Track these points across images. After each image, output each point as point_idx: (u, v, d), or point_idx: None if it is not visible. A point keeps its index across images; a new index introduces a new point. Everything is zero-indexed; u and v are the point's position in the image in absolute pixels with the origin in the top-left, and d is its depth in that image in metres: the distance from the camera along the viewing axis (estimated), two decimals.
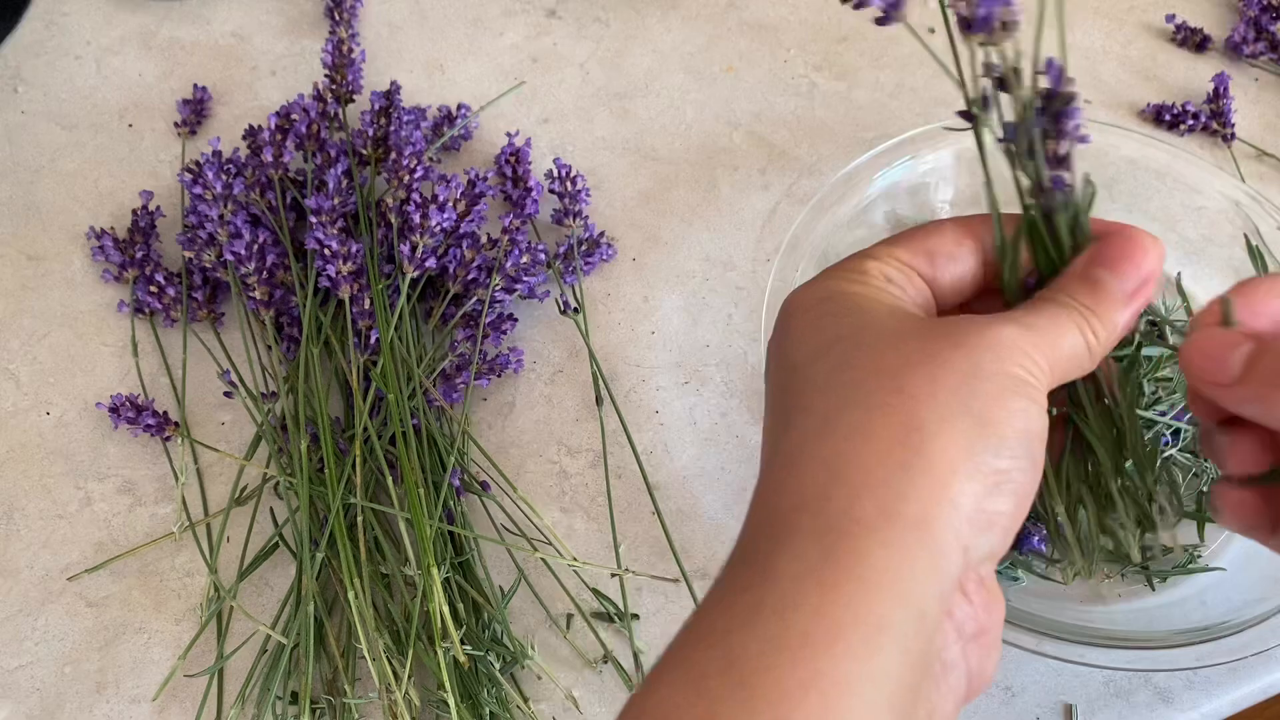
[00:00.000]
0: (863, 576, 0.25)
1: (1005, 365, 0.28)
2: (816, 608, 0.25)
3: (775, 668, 0.24)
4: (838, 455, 0.27)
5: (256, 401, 0.55)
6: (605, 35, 0.74)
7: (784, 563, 0.26)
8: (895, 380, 0.28)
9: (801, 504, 0.27)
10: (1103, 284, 0.31)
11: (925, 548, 0.26)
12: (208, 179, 0.58)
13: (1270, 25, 0.74)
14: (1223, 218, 0.66)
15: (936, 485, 0.26)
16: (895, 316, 0.30)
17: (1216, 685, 0.50)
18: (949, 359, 0.28)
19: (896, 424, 0.27)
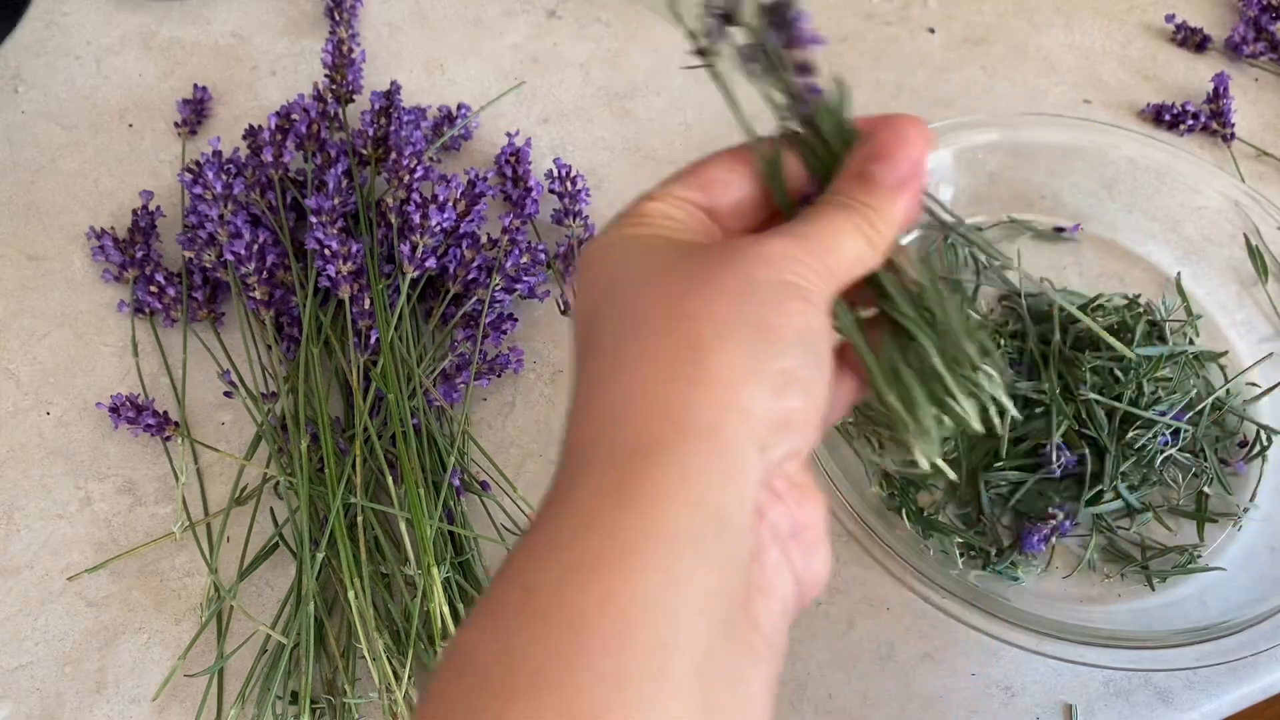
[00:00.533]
0: (655, 491, 0.25)
1: (778, 274, 0.29)
2: (611, 527, 0.25)
3: (569, 593, 0.24)
4: (627, 384, 0.27)
5: (256, 401, 0.55)
6: (605, 35, 0.74)
7: (579, 493, 0.26)
8: (675, 305, 0.28)
9: (597, 434, 0.27)
10: (874, 177, 0.31)
11: (718, 454, 0.26)
12: (208, 179, 0.58)
13: (1270, 25, 0.74)
14: (1222, 218, 0.66)
15: (722, 393, 0.27)
16: (675, 249, 0.30)
17: (1216, 685, 0.50)
18: (723, 276, 0.28)
19: (679, 344, 0.27)
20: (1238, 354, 0.60)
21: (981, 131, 0.61)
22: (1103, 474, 0.52)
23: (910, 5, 0.76)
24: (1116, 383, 0.54)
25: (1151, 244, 0.65)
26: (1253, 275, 0.64)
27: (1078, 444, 0.53)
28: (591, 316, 0.30)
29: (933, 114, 0.70)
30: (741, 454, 0.27)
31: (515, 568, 0.26)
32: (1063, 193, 0.63)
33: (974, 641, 0.50)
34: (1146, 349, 0.55)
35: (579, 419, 0.28)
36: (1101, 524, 0.52)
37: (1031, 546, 0.50)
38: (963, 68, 0.73)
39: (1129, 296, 0.60)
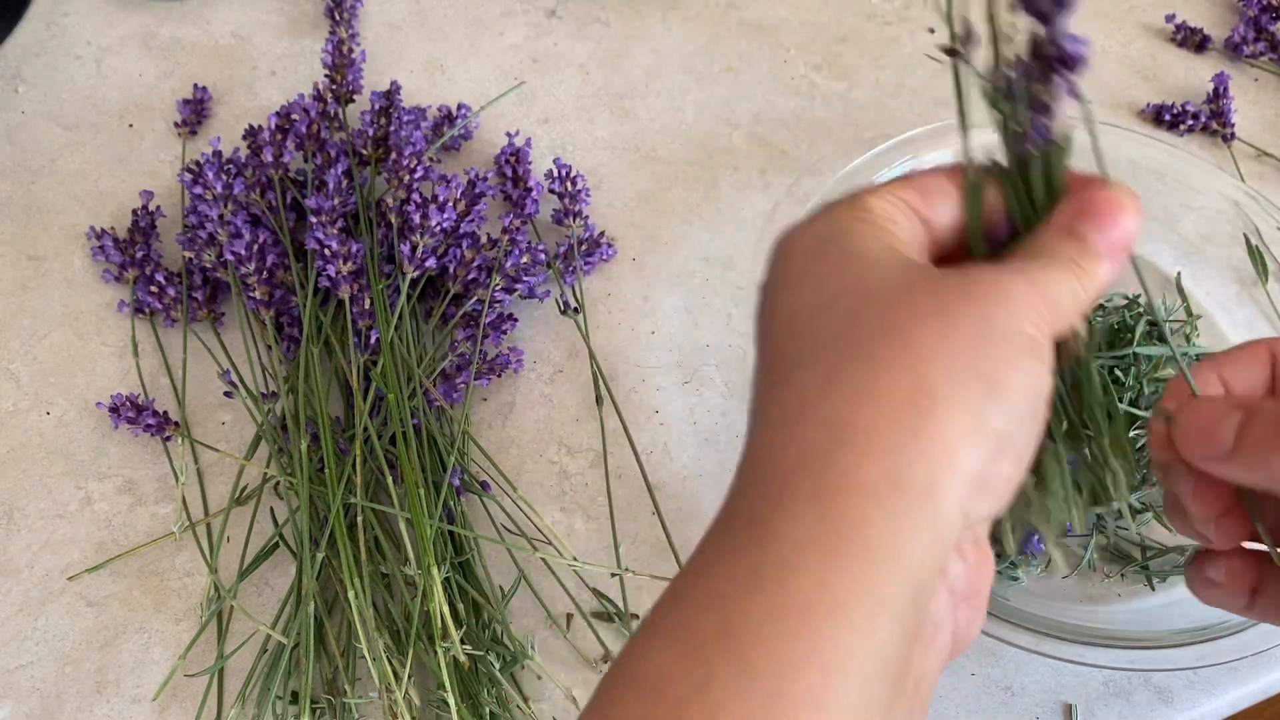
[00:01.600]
0: (866, 546, 0.24)
1: (1017, 321, 0.27)
2: (818, 577, 0.24)
3: (775, 638, 0.24)
4: (842, 415, 0.26)
5: (256, 401, 0.55)
6: (605, 35, 0.74)
7: (784, 526, 0.25)
8: (904, 335, 0.26)
9: (802, 464, 0.26)
10: (1087, 238, 0.30)
11: (929, 518, 0.25)
12: (208, 179, 0.58)
13: (1270, 25, 0.74)
14: (1222, 217, 0.66)
15: (944, 452, 0.25)
16: (901, 265, 0.28)
17: (1216, 685, 0.50)
18: (959, 313, 0.26)
19: (905, 384, 0.26)
20: None
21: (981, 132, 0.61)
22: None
23: (910, 5, 0.76)
24: (1117, 383, 0.54)
25: (1151, 243, 0.65)
26: (1253, 275, 0.64)
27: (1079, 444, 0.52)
28: (801, 320, 0.28)
29: (933, 114, 0.70)
30: (949, 518, 0.26)
31: (710, 593, 0.25)
32: None
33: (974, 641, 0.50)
34: (1147, 348, 0.54)
35: (782, 438, 0.27)
36: (1101, 524, 0.52)
37: (1032, 548, 0.50)
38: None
39: (1128, 296, 0.60)
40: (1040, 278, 0.28)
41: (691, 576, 0.26)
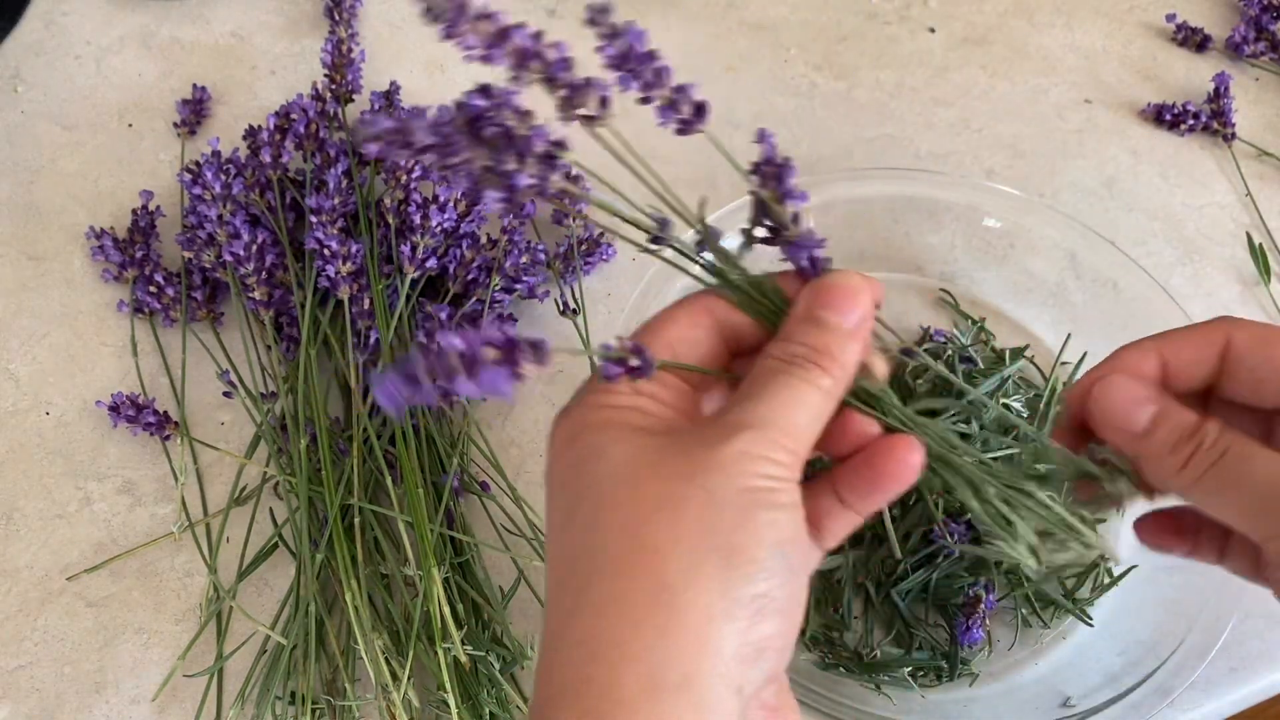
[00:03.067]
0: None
1: (739, 482, 0.27)
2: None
3: None
4: (593, 632, 0.26)
5: (256, 401, 0.55)
6: None
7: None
8: (638, 537, 0.26)
9: (561, 690, 0.26)
10: (826, 322, 0.30)
11: (692, 708, 0.25)
12: (207, 179, 0.58)
13: (1270, 25, 0.74)
14: (1226, 215, 0.66)
15: (694, 640, 0.25)
16: (634, 458, 0.28)
17: (1216, 685, 0.50)
18: (684, 497, 0.27)
19: (645, 586, 0.26)
20: None
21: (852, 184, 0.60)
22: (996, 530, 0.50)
23: (910, 5, 0.76)
24: (965, 437, 0.51)
25: (1152, 242, 0.64)
26: (1254, 274, 0.64)
27: (958, 509, 0.51)
28: (555, 537, 0.29)
29: (933, 114, 0.70)
30: (717, 702, 0.25)
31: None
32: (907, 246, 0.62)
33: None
34: (979, 390, 0.52)
35: (547, 664, 0.27)
36: (1015, 578, 0.51)
37: (971, 639, 0.49)
38: (963, 68, 0.73)
39: (924, 328, 0.59)
40: (758, 412, 0.28)
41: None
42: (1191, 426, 0.31)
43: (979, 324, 0.59)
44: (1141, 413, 0.32)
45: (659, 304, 0.55)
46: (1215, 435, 0.31)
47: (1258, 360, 0.32)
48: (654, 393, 0.30)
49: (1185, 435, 0.31)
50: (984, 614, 0.49)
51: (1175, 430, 0.31)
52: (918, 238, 0.61)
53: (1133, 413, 0.32)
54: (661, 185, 0.34)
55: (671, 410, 0.30)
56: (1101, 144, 0.69)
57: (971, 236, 0.61)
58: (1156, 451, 0.32)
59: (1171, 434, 0.32)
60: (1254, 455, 0.30)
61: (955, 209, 0.60)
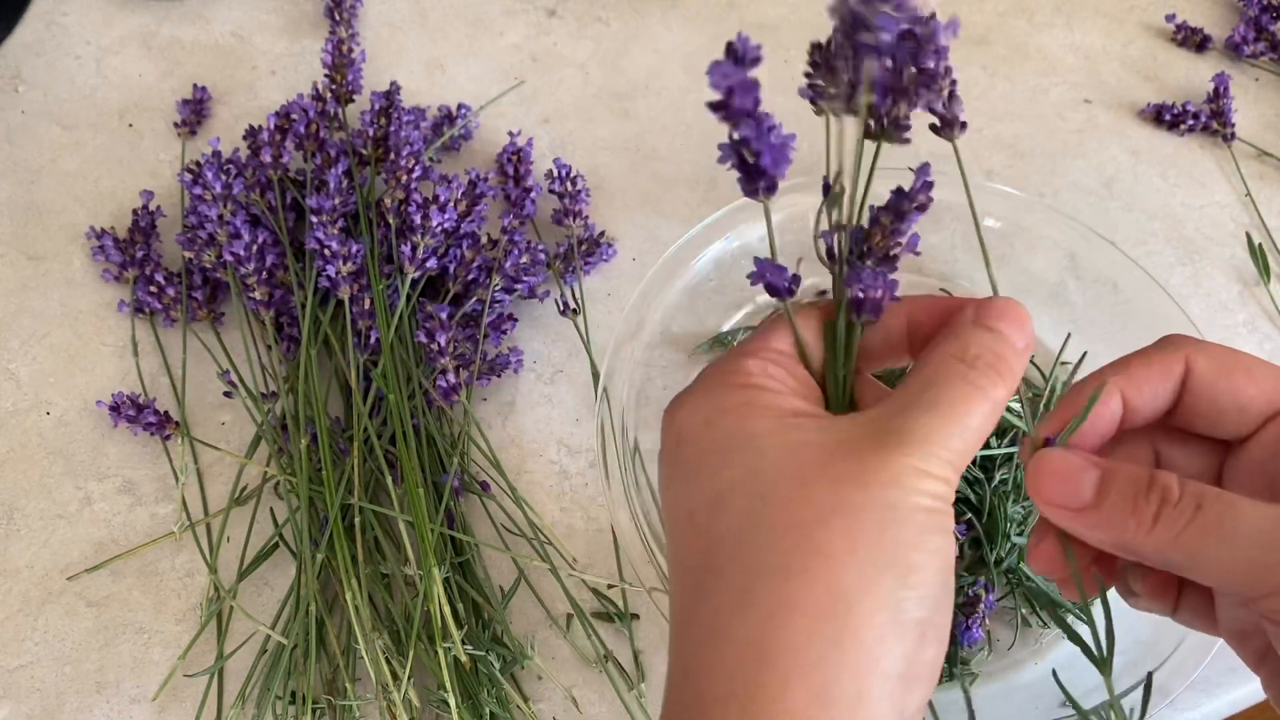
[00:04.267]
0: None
1: (915, 499, 0.26)
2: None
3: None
4: (763, 634, 0.25)
5: (256, 401, 0.55)
6: (605, 35, 0.74)
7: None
8: (811, 540, 0.25)
9: (730, 693, 0.25)
10: (1002, 333, 0.29)
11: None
12: (207, 179, 0.58)
13: (1270, 25, 0.74)
14: (1226, 215, 0.66)
15: (867, 657, 0.25)
16: (790, 448, 0.27)
17: (1216, 685, 0.50)
18: (859, 505, 0.26)
19: (819, 593, 0.25)
20: None
21: None
22: (995, 530, 0.50)
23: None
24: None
25: (1152, 243, 0.64)
26: (1254, 275, 0.64)
27: (957, 510, 0.50)
28: (699, 523, 0.27)
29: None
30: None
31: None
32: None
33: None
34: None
35: (707, 659, 0.26)
36: (1014, 578, 0.51)
37: (971, 639, 0.49)
38: (963, 68, 0.73)
39: None
40: (938, 426, 0.27)
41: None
42: (1144, 479, 0.28)
43: None
44: (1085, 482, 0.29)
45: (659, 304, 0.55)
46: (1178, 487, 0.28)
47: (1219, 391, 0.30)
48: (783, 377, 0.29)
49: (1141, 489, 0.28)
50: (984, 614, 0.49)
51: (1128, 487, 0.28)
52: None
53: (1075, 486, 0.29)
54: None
55: (806, 394, 0.29)
56: (1101, 144, 0.69)
57: (971, 236, 0.61)
58: (1115, 518, 0.28)
59: (1125, 493, 0.28)
60: (1236, 505, 0.27)
61: (955, 209, 0.60)
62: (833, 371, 0.30)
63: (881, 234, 0.30)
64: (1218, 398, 0.30)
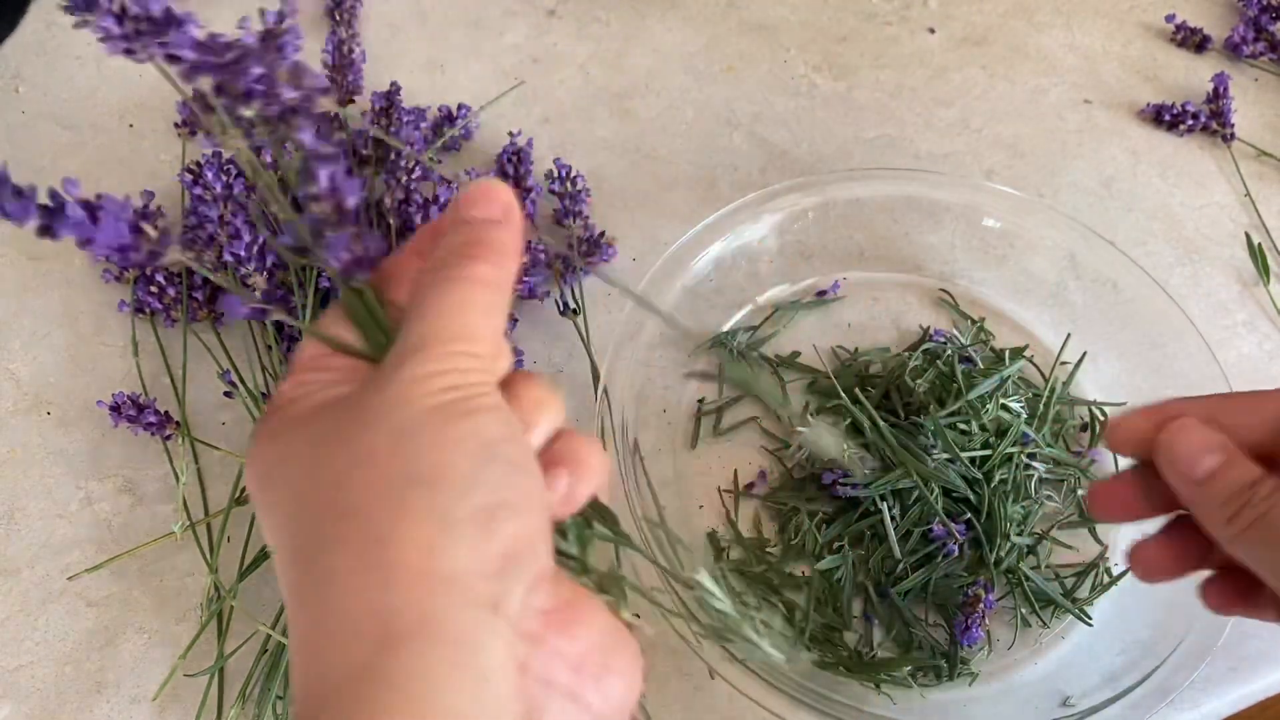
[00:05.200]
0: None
1: (423, 403, 0.25)
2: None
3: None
4: (321, 608, 0.24)
5: (257, 401, 0.55)
6: (605, 35, 0.74)
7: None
8: (335, 505, 0.25)
9: (312, 678, 0.24)
10: (470, 218, 0.29)
11: (439, 647, 0.23)
12: (207, 179, 0.58)
13: (1270, 25, 0.74)
14: (1225, 215, 0.66)
15: (419, 577, 0.24)
16: (317, 435, 0.26)
17: (1217, 684, 0.50)
18: (371, 445, 0.25)
19: (356, 540, 0.24)
20: (1240, 355, 0.60)
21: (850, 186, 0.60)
22: (995, 530, 0.50)
23: (910, 5, 0.76)
24: (965, 434, 0.52)
25: (1152, 243, 0.65)
26: (1254, 275, 0.64)
27: (957, 510, 0.51)
28: (279, 549, 0.27)
29: (933, 114, 0.70)
30: (467, 630, 0.24)
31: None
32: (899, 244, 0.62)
33: None
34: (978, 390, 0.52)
35: (294, 662, 0.25)
36: (1014, 578, 0.51)
37: (971, 639, 0.49)
38: (963, 68, 0.73)
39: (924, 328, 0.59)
40: (427, 328, 0.27)
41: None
42: (1249, 482, 0.32)
43: (979, 324, 0.59)
44: (1206, 460, 0.33)
45: (659, 304, 0.55)
46: (1267, 492, 0.32)
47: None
48: (317, 378, 0.29)
49: (1240, 490, 0.32)
50: (984, 614, 0.49)
51: (1232, 484, 0.32)
52: (918, 238, 0.62)
53: (1198, 459, 0.33)
54: None
55: (344, 377, 0.29)
56: (1101, 144, 0.69)
57: (971, 236, 0.61)
58: (1210, 501, 0.33)
59: (1227, 487, 0.32)
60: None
61: (955, 209, 0.60)
62: (373, 344, 0.30)
63: (318, 201, 0.30)
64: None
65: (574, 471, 0.29)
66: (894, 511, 0.51)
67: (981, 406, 0.52)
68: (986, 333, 0.59)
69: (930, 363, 0.55)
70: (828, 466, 0.53)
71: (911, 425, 0.52)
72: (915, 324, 0.60)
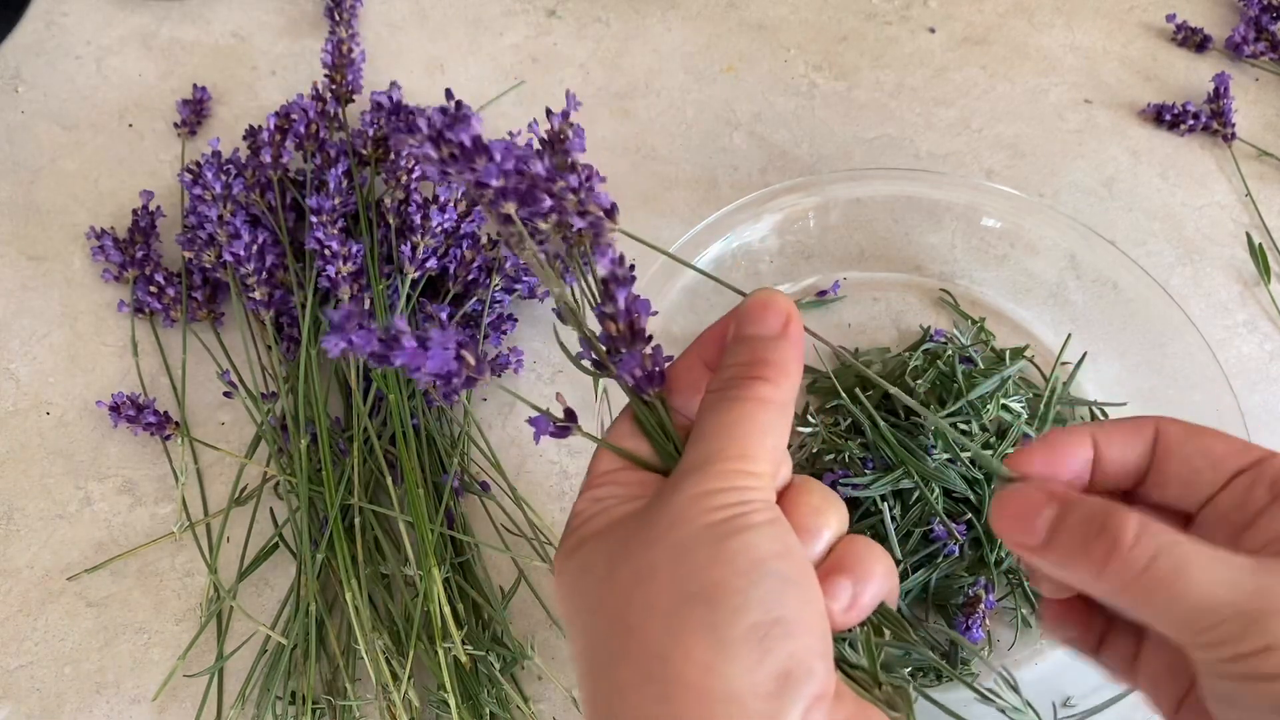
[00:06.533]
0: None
1: (701, 520, 0.26)
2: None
3: None
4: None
5: (256, 401, 0.55)
6: (605, 35, 0.74)
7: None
8: (623, 621, 0.26)
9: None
10: (752, 336, 0.30)
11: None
12: (207, 179, 0.58)
13: (1270, 25, 0.74)
14: (1226, 215, 0.66)
15: (698, 696, 0.24)
16: (609, 549, 0.28)
17: None
18: (653, 562, 0.26)
19: (638, 665, 0.25)
20: (1240, 354, 0.60)
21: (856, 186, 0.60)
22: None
23: (910, 5, 0.76)
24: (966, 434, 0.52)
25: (1152, 243, 0.64)
26: (1254, 275, 0.64)
27: (957, 510, 0.51)
28: (574, 647, 0.29)
29: (933, 114, 0.70)
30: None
31: None
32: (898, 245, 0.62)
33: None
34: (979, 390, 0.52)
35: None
36: (1014, 578, 0.51)
37: (971, 639, 0.49)
38: (963, 68, 0.73)
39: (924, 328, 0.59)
40: (707, 450, 0.28)
41: None
42: (1098, 521, 0.27)
43: (979, 324, 0.59)
44: (1039, 521, 0.28)
45: (659, 304, 0.55)
46: (1135, 532, 0.27)
47: (1190, 450, 0.29)
48: (613, 493, 0.30)
49: (1093, 532, 0.27)
50: (984, 614, 0.49)
51: (1080, 527, 0.27)
52: (918, 238, 0.61)
53: (1029, 524, 0.28)
54: None
55: (637, 492, 0.30)
56: (1101, 144, 0.69)
57: (971, 236, 0.61)
58: (1067, 559, 0.28)
59: (1076, 534, 0.28)
60: (1188, 564, 0.26)
61: (955, 209, 0.60)
62: (664, 455, 0.31)
63: (613, 321, 0.31)
64: (1190, 456, 0.30)
65: (857, 578, 0.29)
66: (894, 511, 0.51)
67: (982, 406, 0.52)
68: (986, 333, 0.59)
69: (930, 363, 0.55)
70: (828, 466, 0.53)
71: (911, 425, 0.52)
72: (915, 324, 0.60)
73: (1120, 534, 0.27)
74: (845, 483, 0.51)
